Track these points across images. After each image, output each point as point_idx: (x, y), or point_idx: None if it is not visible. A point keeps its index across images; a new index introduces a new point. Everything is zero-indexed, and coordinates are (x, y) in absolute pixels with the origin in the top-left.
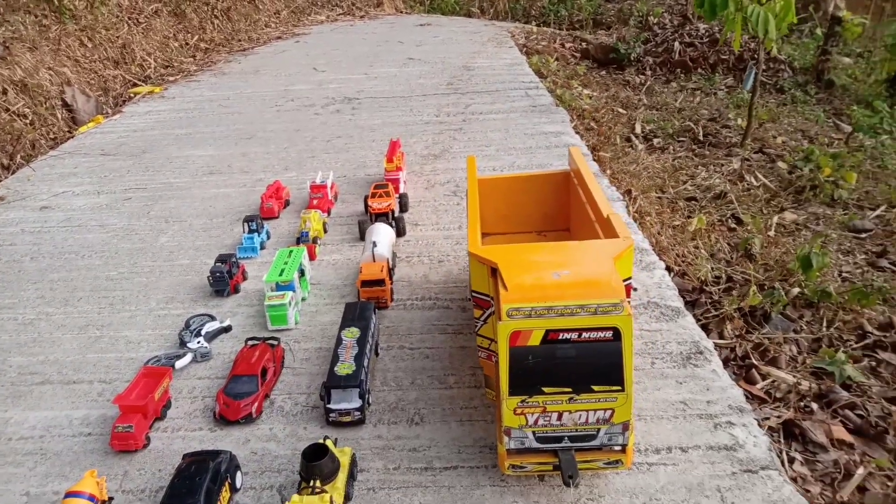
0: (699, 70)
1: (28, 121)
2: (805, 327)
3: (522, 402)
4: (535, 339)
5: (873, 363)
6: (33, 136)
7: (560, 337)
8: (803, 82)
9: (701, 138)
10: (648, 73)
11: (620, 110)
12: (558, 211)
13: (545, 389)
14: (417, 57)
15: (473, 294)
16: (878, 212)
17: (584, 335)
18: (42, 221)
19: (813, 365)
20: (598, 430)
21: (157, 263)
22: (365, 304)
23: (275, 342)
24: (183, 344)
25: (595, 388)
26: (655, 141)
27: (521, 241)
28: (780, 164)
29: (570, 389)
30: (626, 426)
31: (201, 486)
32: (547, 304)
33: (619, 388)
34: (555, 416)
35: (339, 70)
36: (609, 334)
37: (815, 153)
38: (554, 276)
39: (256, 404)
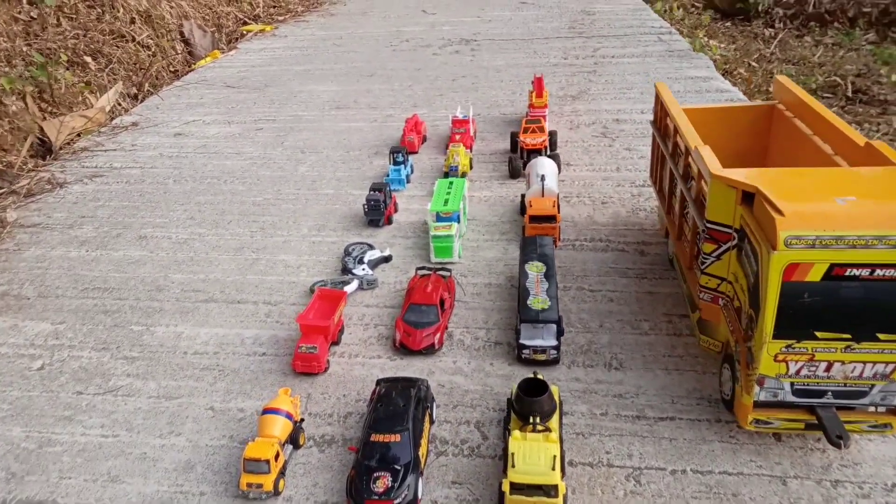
0: (836, 24)
1: (151, 52)
2: None
3: (788, 346)
4: (815, 274)
5: None
6: (158, 67)
7: (847, 273)
8: None
9: (850, 94)
10: (779, 25)
11: (753, 63)
12: (754, 147)
13: (818, 334)
14: (530, 0)
15: (709, 225)
16: None
17: (878, 272)
18: (178, 147)
19: None
20: (872, 386)
21: (301, 191)
22: (545, 238)
23: (447, 273)
24: (346, 270)
25: (881, 336)
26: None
27: None
28: None
29: (849, 336)
30: None
31: (407, 411)
32: (836, 234)
33: None
34: (822, 366)
35: (450, 12)
36: None
37: None
38: (838, 202)
39: (439, 335)
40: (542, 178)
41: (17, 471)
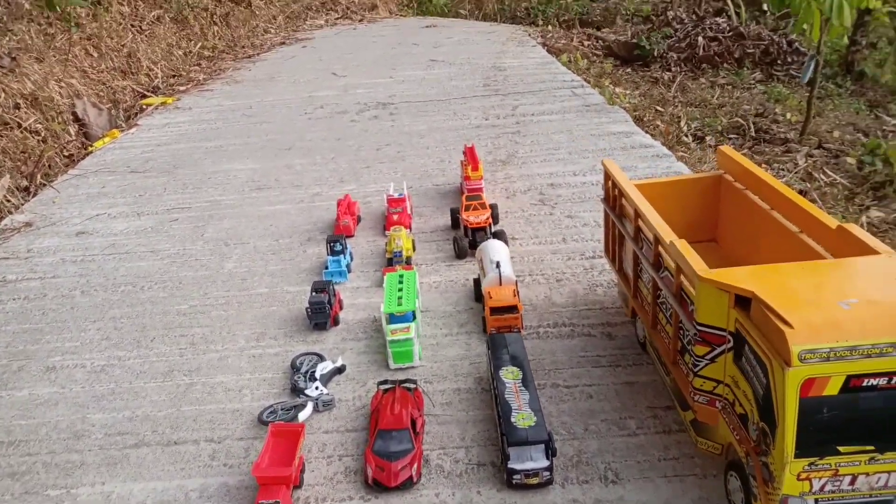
0: (725, 65)
1: (41, 137)
2: None
3: (811, 464)
4: (832, 388)
5: None
6: (49, 155)
7: (864, 384)
8: (832, 74)
9: (754, 134)
10: (675, 68)
11: (659, 108)
12: (705, 219)
13: (841, 449)
14: (440, 59)
15: (700, 328)
16: None
17: (895, 380)
18: (83, 249)
19: None
20: None
21: (231, 293)
22: (512, 336)
23: (412, 385)
24: (297, 390)
25: None
26: (707, 139)
27: None
28: (848, 159)
29: (872, 448)
30: None
31: None
32: (850, 344)
33: None
34: (847, 479)
35: (361, 74)
36: None
37: (882, 146)
38: (843, 306)
39: (416, 465)
40: (497, 264)
41: None
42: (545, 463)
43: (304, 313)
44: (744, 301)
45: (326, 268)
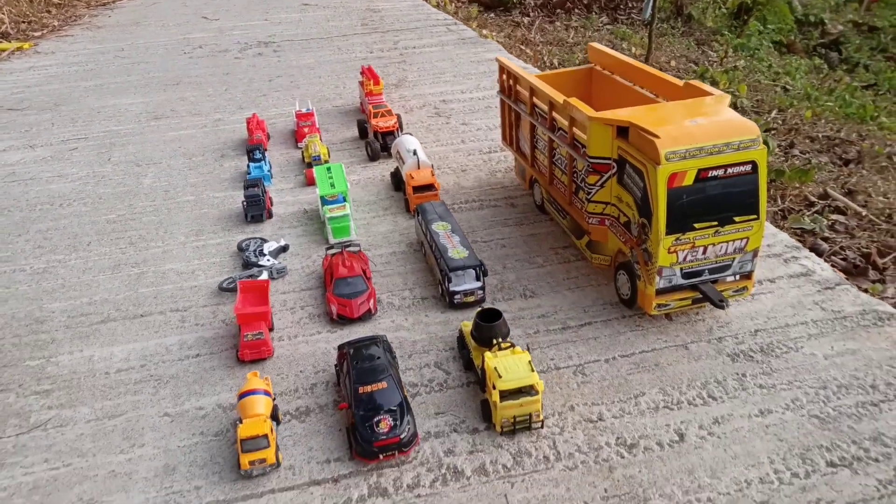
0: (576, 10)
1: None
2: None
3: (677, 240)
4: (688, 179)
5: (828, 222)
6: None
7: (709, 175)
8: (665, 17)
9: None
10: (533, 14)
11: (523, 47)
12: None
13: (696, 225)
14: (313, 3)
15: (592, 160)
16: (773, 115)
17: (729, 170)
18: None
19: (791, 227)
20: (734, 259)
21: (158, 202)
22: (440, 203)
23: (356, 248)
24: (250, 265)
25: (736, 219)
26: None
27: None
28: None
29: (716, 223)
30: (755, 253)
31: (383, 361)
32: (698, 146)
33: (755, 216)
34: (701, 250)
35: (233, 18)
36: (749, 168)
37: (709, 72)
38: (691, 124)
39: (372, 301)
40: (415, 152)
41: None
42: (479, 284)
43: (237, 213)
44: (623, 132)
45: (249, 174)
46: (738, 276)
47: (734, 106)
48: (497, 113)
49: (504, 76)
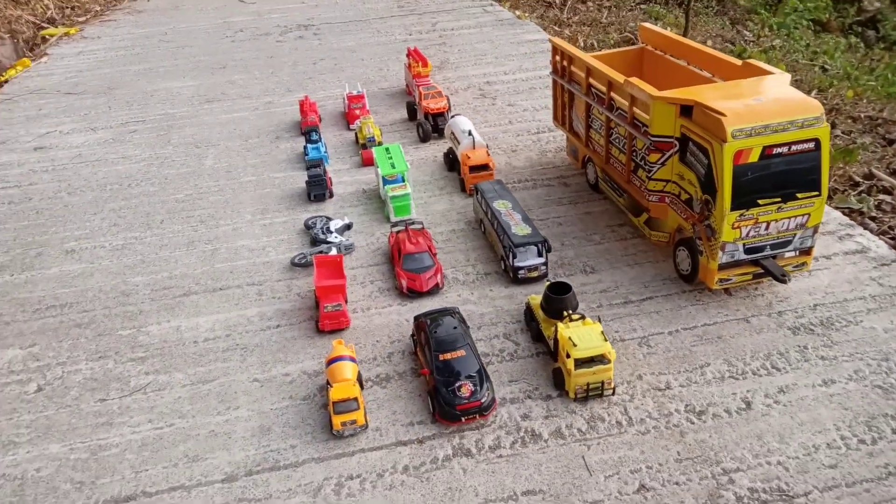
0: None
1: None
2: None
3: (741, 215)
4: (753, 157)
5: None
6: None
7: (774, 152)
8: None
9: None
10: None
11: (555, 28)
12: None
13: (760, 201)
14: None
15: (654, 139)
16: (812, 94)
17: (794, 148)
18: (49, 160)
19: (838, 205)
20: (795, 234)
21: (221, 183)
22: (493, 183)
23: (419, 225)
24: (318, 241)
25: (799, 195)
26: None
27: None
28: None
29: (779, 199)
30: (816, 229)
31: (460, 331)
32: (764, 123)
33: (818, 193)
34: (763, 226)
35: (269, 2)
36: (812, 145)
37: (747, 51)
38: (755, 101)
39: (440, 276)
40: (470, 132)
41: (82, 479)
42: (542, 259)
43: (298, 192)
44: (686, 110)
45: (307, 155)
46: (797, 252)
47: None
48: (543, 94)
49: (557, 57)
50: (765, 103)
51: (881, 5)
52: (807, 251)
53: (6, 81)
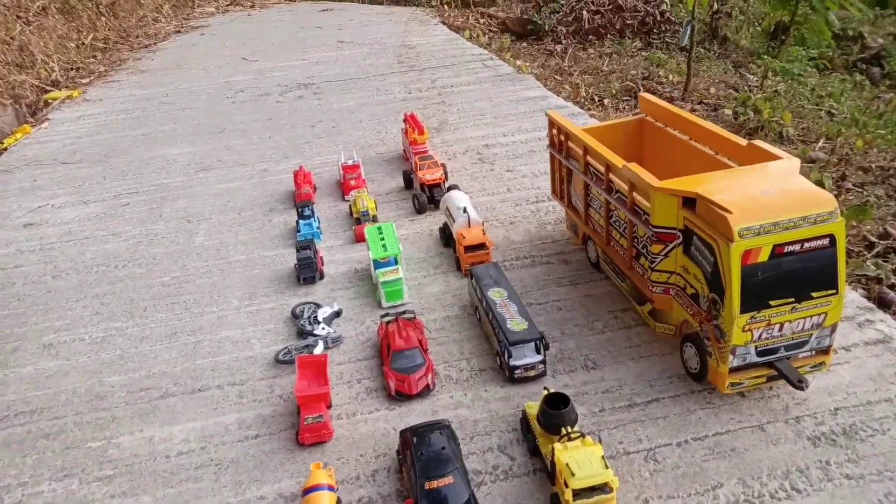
0: (608, 36)
1: None
2: None
3: (752, 318)
4: (763, 256)
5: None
6: None
7: (785, 250)
8: (700, 40)
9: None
10: (565, 41)
11: (557, 77)
12: (631, 155)
13: (772, 303)
14: (348, 40)
15: (656, 230)
16: (820, 143)
17: (806, 245)
18: (37, 239)
19: (855, 273)
20: (811, 335)
21: (210, 263)
22: (488, 266)
23: (410, 315)
24: (305, 333)
25: (814, 294)
26: (605, 101)
27: None
28: (725, 110)
29: (793, 299)
30: (834, 328)
31: (449, 452)
32: (773, 220)
33: (834, 291)
34: (777, 327)
35: (272, 59)
36: (826, 241)
37: (751, 98)
38: (764, 194)
39: (430, 375)
40: (465, 209)
41: None
42: (540, 357)
43: (288, 273)
44: (689, 202)
45: (298, 231)
46: (814, 352)
47: (779, 135)
48: (542, 157)
49: (554, 131)
50: (774, 196)
51: (885, 42)
52: (825, 350)
53: (5, 150)
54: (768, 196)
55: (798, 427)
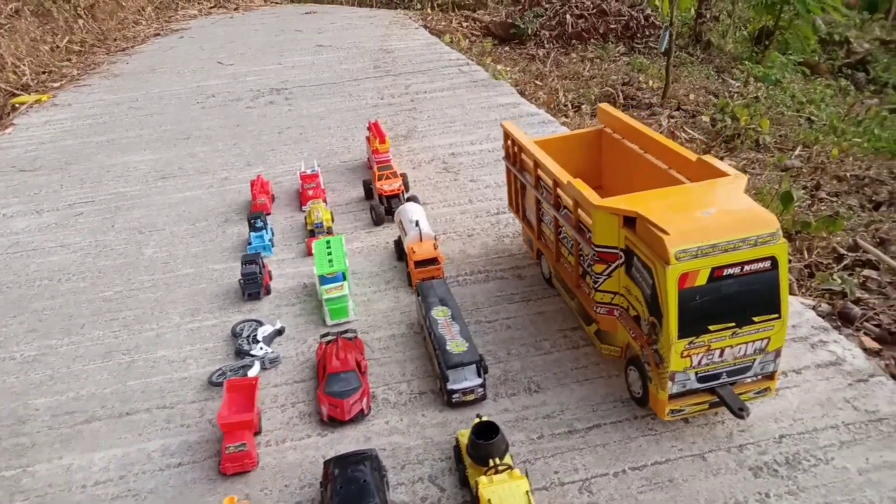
0: (592, 40)
1: None
2: (791, 257)
3: (690, 343)
4: (701, 279)
5: (859, 279)
6: None
7: (724, 273)
8: (684, 45)
9: (623, 101)
10: (548, 45)
11: (538, 82)
12: (589, 166)
13: (711, 328)
14: (327, 44)
15: (597, 249)
16: (797, 151)
17: (746, 268)
18: None
19: (821, 287)
20: (754, 360)
21: (156, 276)
22: (437, 282)
23: (352, 334)
24: (242, 353)
25: (755, 318)
26: (583, 108)
27: None
28: (703, 117)
29: (733, 324)
30: (778, 353)
31: (369, 485)
32: (711, 242)
33: (777, 315)
34: (717, 353)
35: (248, 62)
36: (768, 264)
37: (729, 105)
38: (704, 215)
39: (365, 400)
40: (417, 223)
41: None
42: (479, 381)
43: (235, 288)
44: (630, 221)
45: (250, 243)
46: (759, 377)
47: (756, 142)
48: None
49: (509, 142)
50: (714, 216)
51: (871, 47)
52: (769, 376)
53: None
54: (709, 216)
55: (740, 456)
